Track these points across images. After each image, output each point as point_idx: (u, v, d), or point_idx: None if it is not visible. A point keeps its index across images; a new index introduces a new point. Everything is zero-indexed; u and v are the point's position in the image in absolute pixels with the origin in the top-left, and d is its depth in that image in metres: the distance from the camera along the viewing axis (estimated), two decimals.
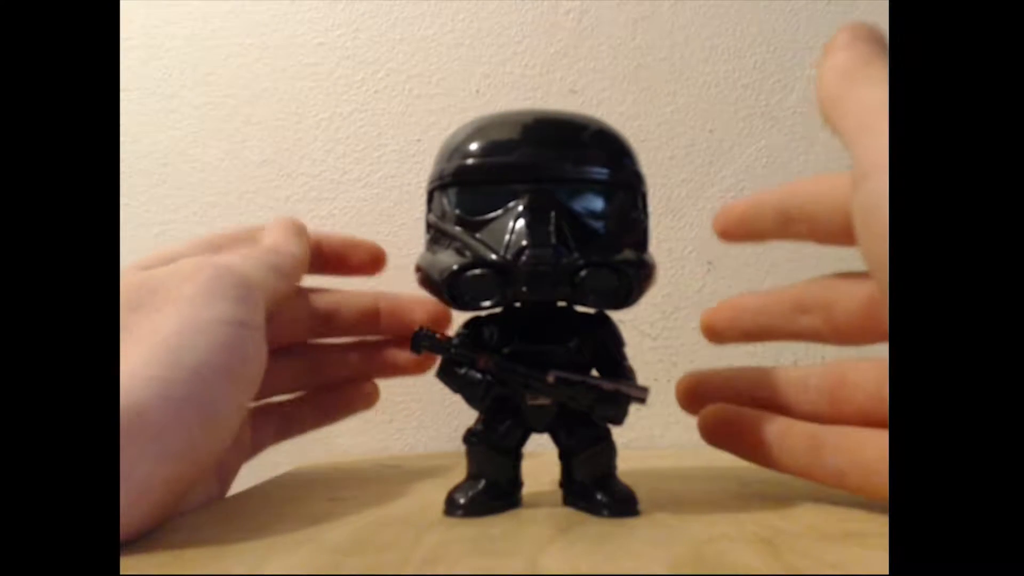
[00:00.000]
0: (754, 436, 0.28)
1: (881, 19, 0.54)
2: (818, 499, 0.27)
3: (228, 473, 0.31)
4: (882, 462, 0.24)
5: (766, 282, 0.50)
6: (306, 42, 0.53)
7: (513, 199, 0.25)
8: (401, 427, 0.50)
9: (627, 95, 0.52)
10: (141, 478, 0.21)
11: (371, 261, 0.36)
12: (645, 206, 0.28)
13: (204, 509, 0.28)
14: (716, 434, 0.30)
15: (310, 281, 0.34)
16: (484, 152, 0.26)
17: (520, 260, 0.24)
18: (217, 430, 0.24)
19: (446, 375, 0.26)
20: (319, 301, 0.35)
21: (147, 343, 0.23)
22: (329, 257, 0.36)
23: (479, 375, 0.26)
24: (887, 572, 0.16)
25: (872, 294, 0.25)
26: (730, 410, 0.29)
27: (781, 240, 0.29)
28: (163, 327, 0.24)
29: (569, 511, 0.26)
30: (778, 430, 0.28)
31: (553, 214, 0.25)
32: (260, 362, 0.26)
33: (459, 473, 0.27)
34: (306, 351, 0.36)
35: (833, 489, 0.26)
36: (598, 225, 0.26)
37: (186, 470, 0.23)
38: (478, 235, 0.25)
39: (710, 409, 0.30)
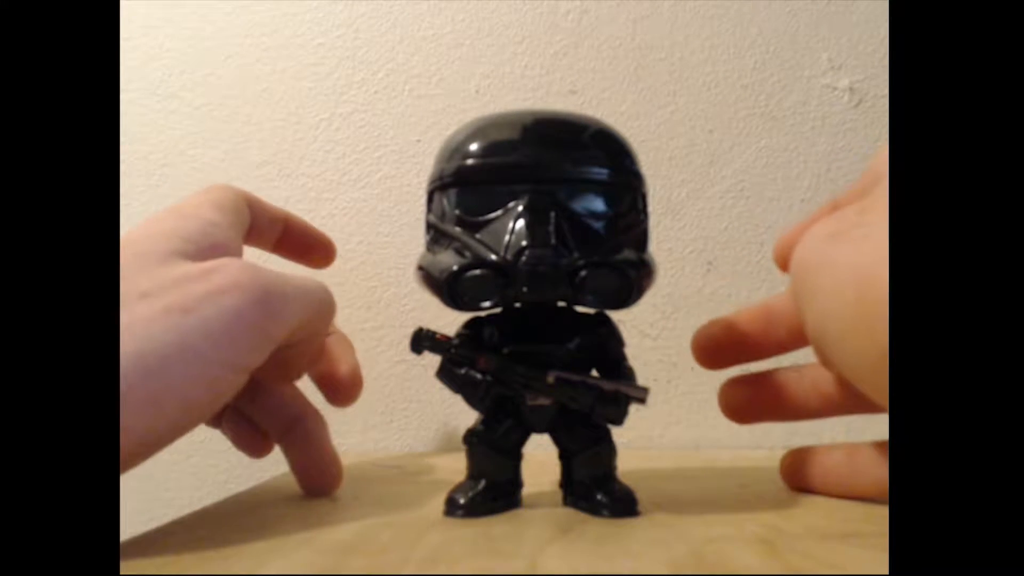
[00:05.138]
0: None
1: (881, 19, 0.54)
2: (818, 499, 0.27)
3: None
4: None
5: (766, 283, 0.50)
6: (306, 42, 0.53)
7: (513, 199, 0.25)
8: (401, 427, 0.50)
9: (627, 95, 0.52)
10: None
11: (326, 257, 0.37)
12: (645, 206, 0.28)
13: (204, 509, 0.28)
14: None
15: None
16: (484, 152, 0.26)
17: (520, 260, 0.24)
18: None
19: (446, 375, 0.26)
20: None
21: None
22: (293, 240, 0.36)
23: (479, 375, 0.26)
24: (887, 572, 0.16)
25: None
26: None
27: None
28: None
29: (569, 511, 0.26)
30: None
31: (553, 214, 0.25)
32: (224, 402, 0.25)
33: (459, 473, 0.27)
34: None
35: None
36: (598, 225, 0.26)
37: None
38: (478, 235, 0.25)
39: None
